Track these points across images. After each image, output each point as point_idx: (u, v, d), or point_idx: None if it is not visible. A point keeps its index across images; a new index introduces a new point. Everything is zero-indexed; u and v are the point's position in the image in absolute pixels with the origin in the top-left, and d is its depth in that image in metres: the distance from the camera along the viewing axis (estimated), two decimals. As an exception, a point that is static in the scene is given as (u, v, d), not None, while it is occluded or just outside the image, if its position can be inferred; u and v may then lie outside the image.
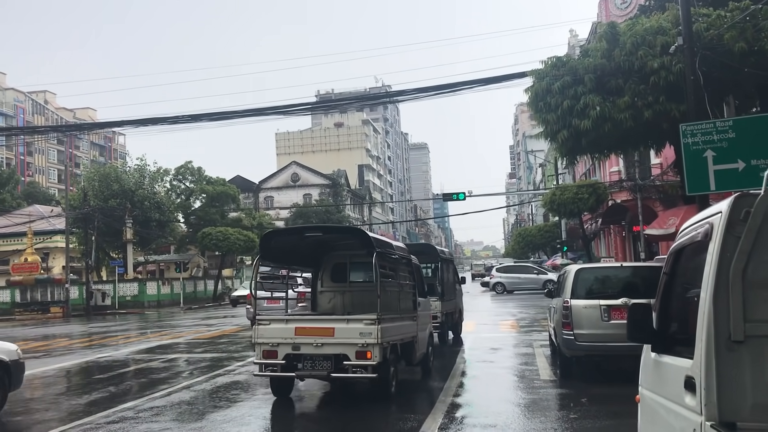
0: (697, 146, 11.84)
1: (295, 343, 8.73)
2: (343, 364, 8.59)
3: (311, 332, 8.75)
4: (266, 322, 9.05)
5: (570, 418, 7.80)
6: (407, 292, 10.83)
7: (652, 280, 10.18)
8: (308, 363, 8.76)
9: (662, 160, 31.16)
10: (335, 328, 8.74)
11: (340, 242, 11.09)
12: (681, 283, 3.59)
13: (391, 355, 9.04)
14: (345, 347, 8.59)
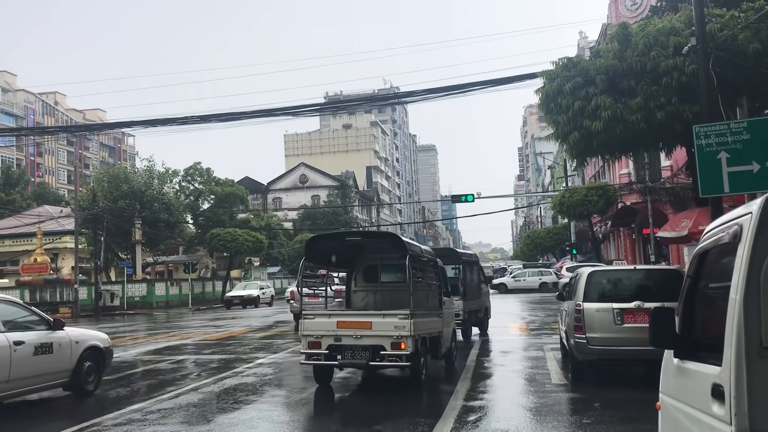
0: (710, 148, 11.68)
1: (336, 335, 9.76)
2: (379, 354, 9.53)
3: (351, 326, 9.76)
4: (311, 316, 10.09)
5: (583, 423, 7.67)
6: (434, 291, 11.82)
7: (665, 284, 10.10)
8: (348, 353, 9.73)
9: (672, 162, 30.96)
10: (373, 322, 9.74)
11: (372, 246, 12.27)
12: (706, 286, 3.47)
13: (421, 347, 9.96)
14: (381, 339, 9.56)
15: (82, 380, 10.16)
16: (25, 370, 9.02)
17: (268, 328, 23.30)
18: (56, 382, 9.86)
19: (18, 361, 8.85)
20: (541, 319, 21.96)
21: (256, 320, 27.92)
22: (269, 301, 43.30)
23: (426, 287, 11.46)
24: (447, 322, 12.02)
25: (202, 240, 52.33)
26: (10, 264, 48.28)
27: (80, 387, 10.18)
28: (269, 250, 58.20)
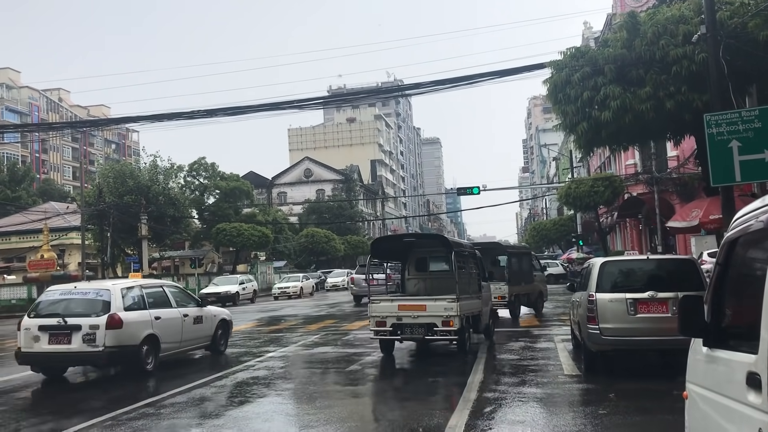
0: (721, 136, 11.60)
1: (398, 316, 12.21)
2: (432, 330, 12.00)
3: (410, 308, 12.25)
4: (378, 301, 12.64)
5: (599, 413, 7.63)
6: (474, 278, 14.11)
7: (678, 274, 10.04)
8: (408, 330, 12.19)
9: (679, 152, 30.81)
10: (427, 305, 12.20)
11: (422, 243, 15.38)
12: (737, 274, 3.41)
13: (465, 324, 12.40)
14: (434, 318, 11.99)
15: (217, 343, 14.04)
16: (190, 335, 13.00)
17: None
18: (203, 344, 13.74)
19: (186, 327, 12.81)
20: (550, 311, 21.88)
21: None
22: (251, 297, 38.91)
23: (467, 275, 13.78)
24: (486, 302, 14.35)
25: (207, 235, 52.36)
26: (17, 260, 48.38)
27: (216, 348, 14.05)
28: (275, 244, 58.22)
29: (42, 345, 11.11)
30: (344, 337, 16.93)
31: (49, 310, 11.53)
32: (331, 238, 65.17)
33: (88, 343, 10.94)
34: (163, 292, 12.74)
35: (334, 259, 68.41)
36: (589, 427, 7.04)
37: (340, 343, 15.79)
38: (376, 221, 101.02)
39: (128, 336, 11.20)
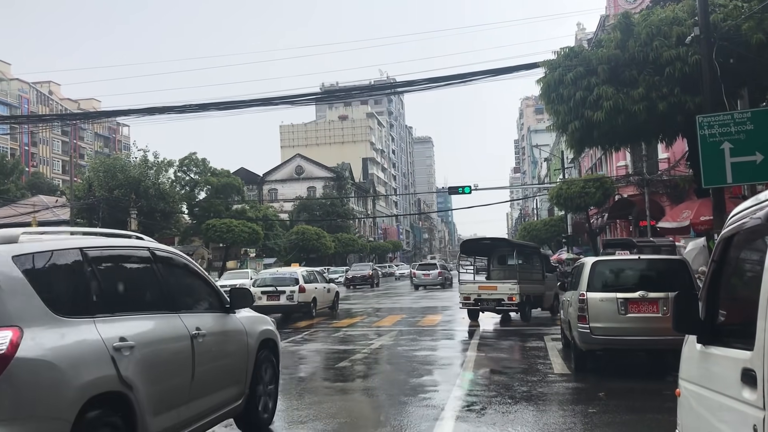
0: (714, 138, 11.63)
1: (478, 293, 18.05)
2: (501, 303, 17.59)
3: (486, 288, 18.21)
4: (465, 283, 19.21)
5: (589, 412, 7.63)
6: (536, 269, 19.60)
7: (669, 273, 10.07)
8: (485, 303, 17.96)
9: (670, 154, 30.94)
10: (497, 286, 18.02)
11: (498, 243, 20.91)
12: (733, 271, 3.40)
13: (526, 300, 17.86)
14: (502, 295, 17.59)
15: (336, 306, 23.42)
16: (327, 298, 23.01)
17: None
18: (330, 305, 22.85)
19: (326, 293, 22.63)
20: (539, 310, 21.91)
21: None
22: None
23: (530, 267, 19.56)
24: (549, 288, 19.77)
25: (197, 230, 52.10)
26: (5, 254, 48.03)
27: (335, 308, 22.94)
28: (265, 241, 58.04)
29: (262, 302, 19.79)
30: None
31: (265, 282, 21.51)
32: (321, 235, 65.06)
33: (288, 299, 20.58)
34: (316, 274, 22.79)
35: (324, 257, 68.31)
36: (579, 426, 7.04)
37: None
38: (367, 219, 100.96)
39: (306, 297, 20.92)
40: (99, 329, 4.34)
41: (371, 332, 16.80)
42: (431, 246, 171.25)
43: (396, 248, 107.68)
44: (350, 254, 71.07)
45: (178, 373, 5.21)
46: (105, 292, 4.69)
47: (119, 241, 5.40)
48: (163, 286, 5.43)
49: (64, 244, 4.69)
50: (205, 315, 5.94)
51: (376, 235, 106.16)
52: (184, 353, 5.27)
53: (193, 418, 5.34)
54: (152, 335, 4.91)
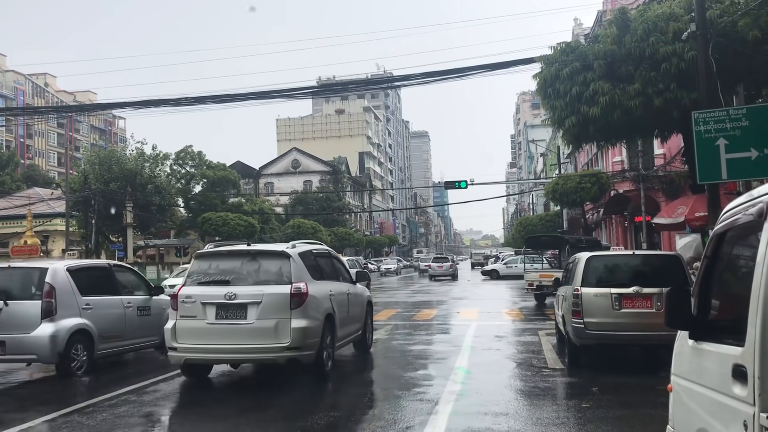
0: (709, 134, 11.66)
1: (539, 280, 22.39)
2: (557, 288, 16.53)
3: (544, 276, 22.42)
4: (530, 272, 23.43)
5: (582, 407, 7.66)
6: None
7: (664, 269, 10.12)
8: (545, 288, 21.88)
9: (666, 150, 30.97)
10: (554, 274, 21.35)
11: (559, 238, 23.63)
12: (725, 267, 3.41)
13: None
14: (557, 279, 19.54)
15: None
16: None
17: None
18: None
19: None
20: (535, 305, 22.00)
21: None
22: None
23: None
24: None
25: (193, 224, 52.02)
26: (0, 246, 47.93)
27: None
28: (261, 234, 58.00)
29: None
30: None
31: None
32: (317, 229, 65.02)
33: None
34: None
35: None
36: (572, 420, 7.07)
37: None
38: (363, 213, 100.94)
39: None
40: (325, 286, 9.87)
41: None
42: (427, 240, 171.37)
43: (392, 242, 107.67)
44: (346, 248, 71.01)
45: (345, 309, 10.51)
46: (323, 269, 10.33)
47: (321, 247, 11.37)
48: (337, 268, 11.23)
49: (313, 248, 10.64)
50: (349, 284, 11.34)
51: (372, 229, 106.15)
52: (345, 300, 10.66)
53: (346, 335, 10.74)
54: (338, 290, 10.40)
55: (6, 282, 10.22)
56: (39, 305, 9.67)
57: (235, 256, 9.65)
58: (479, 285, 38.57)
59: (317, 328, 9.05)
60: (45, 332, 9.52)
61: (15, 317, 9.68)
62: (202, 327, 8.85)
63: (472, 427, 6.82)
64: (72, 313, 9.91)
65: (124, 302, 11.04)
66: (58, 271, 10.09)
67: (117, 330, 10.77)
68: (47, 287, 9.75)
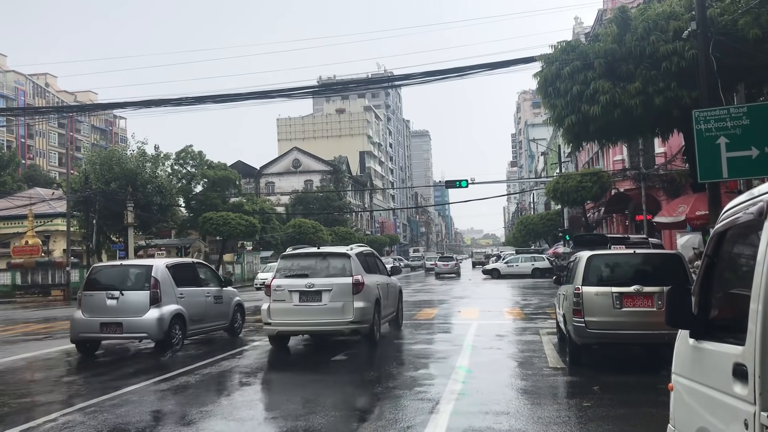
0: (710, 133, 11.63)
1: None
2: None
3: None
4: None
5: (583, 406, 7.67)
6: None
7: (664, 268, 10.11)
8: None
9: (666, 149, 30.97)
10: None
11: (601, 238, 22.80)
12: (725, 266, 3.41)
13: None
14: None
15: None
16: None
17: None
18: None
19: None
20: (536, 304, 22.01)
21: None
22: None
23: None
24: None
25: (194, 223, 52.02)
26: (1, 246, 47.93)
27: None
28: (262, 234, 58.01)
29: None
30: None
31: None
32: (318, 229, 64.99)
33: None
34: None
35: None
36: (573, 419, 7.07)
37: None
38: (364, 213, 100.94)
39: None
40: (374, 278, 13.19)
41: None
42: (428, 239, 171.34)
43: (393, 242, 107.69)
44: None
45: (386, 296, 13.71)
46: (370, 265, 13.56)
47: (367, 248, 14.34)
48: (378, 264, 14.49)
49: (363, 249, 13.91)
50: (387, 277, 14.85)
51: (373, 228, 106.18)
52: (386, 289, 13.92)
53: (387, 315, 14.03)
54: (381, 281, 13.78)
55: (120, 277, 12.83)
56: (147, 295, 12.19)
57: (311, 256, 13.04)
58: (480, 284, 38.55)
59: (370, 308, 12.48)
60: (153, 316, 12.06)
61: (129, 304, 12.20)
62: (289, 308, 12.25)
63: (473, 426, 6.83)
64: (171, 300, 12.52)
65: (204, 292, 13.84)
66: (160, 267, 12.71)
67: (201, 315, 13.51)
68: (153, 280, 12.31)
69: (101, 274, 13.17)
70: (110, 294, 12.34)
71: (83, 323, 12.40)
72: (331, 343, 13.75)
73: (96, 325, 12.17)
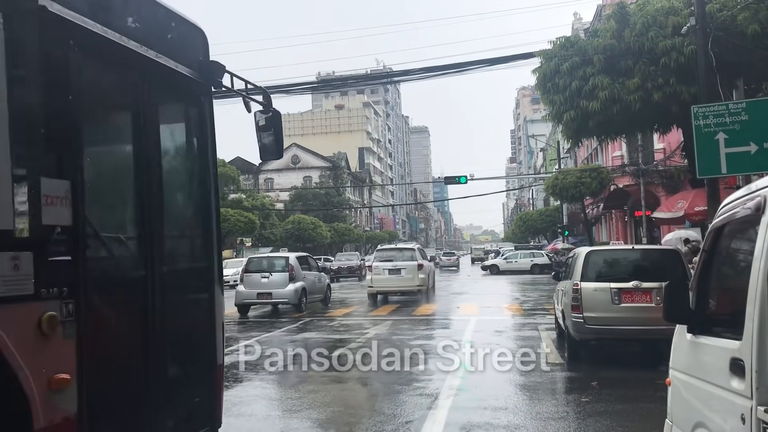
0: (708, 128, 11.63)
1: None
2: None
3: None
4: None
5: (581, 401, 7.68)
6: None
7: (663, 264, 10.13)
8: None
9: (665, 145, 30.97)
10: None
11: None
12: (723, 261, 3.42)
13: None
14: None
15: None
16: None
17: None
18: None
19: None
20: (534, 300, 22.02)
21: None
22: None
23: None
24: None
25: (193, 220, 52.01)
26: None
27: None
28: (261, 230, 58.02)
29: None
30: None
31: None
32: (317, 225, 65.00)
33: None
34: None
35: (320, 247, 68.30)
36: (572, 415, 7.09)
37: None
38: (363, 209, 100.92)
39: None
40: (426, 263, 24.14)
41: (366, 321, 16.86)
42: (427, 235, 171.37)
43: (392, 238, 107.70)
44: (346, 244, 71.09)
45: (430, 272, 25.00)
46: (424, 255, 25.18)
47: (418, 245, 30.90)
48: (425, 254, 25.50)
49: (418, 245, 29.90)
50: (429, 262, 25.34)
51: (372, 224, 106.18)
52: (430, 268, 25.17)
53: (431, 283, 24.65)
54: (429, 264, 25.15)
55: (268, 264, 19.68)
56: (287, 275, 18.65)
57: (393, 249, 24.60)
58: (479, 280, 38.57)
59: (427, 278, 22.21)
60: (291, 288, 18.61)
61: (275, 281, 18.72)
62: (383, 278, 21.51)
63: (471, 421, 6.84)
64: (299, 279, 19.02)
65: (313, 275, 20.38)
66: (292, 257, 19.77)
67: (312, 289, 19.80)
68: (290, 266, 18.89)
69: (254, 262, 20.23)
70: (263, 275, 18.94)
71: (245, 293, 18.90)
72: (330, 342, 13.76)
73: (254, 294, 18.67)
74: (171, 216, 4.38)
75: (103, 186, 3.84)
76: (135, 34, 3.88)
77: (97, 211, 3.60)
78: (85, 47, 3.45)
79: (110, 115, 4.12)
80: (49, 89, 3.24)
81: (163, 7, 4.31)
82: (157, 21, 4.27)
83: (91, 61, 3.56)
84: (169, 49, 4.24)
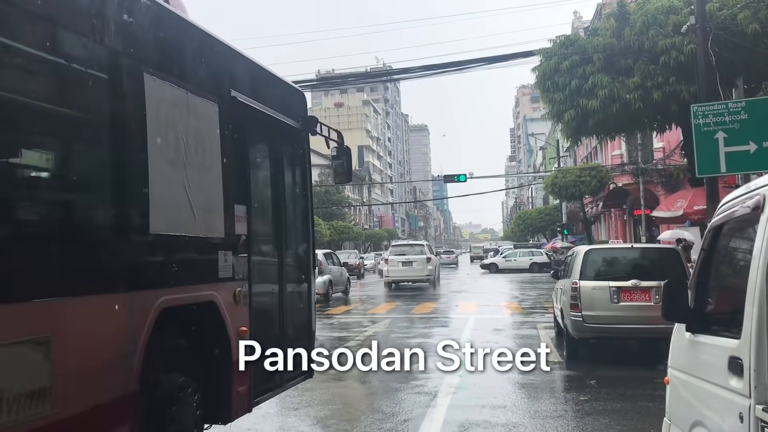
0: (708, 127, 11.64)
1: None
2: None
3: None
4: None
5: (580, 400, 7.69)
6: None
7: (662, 262, 10.13)
8: None
9: (665, 143, 30.97)
10: None
11: None
12: (722, 259, 3.41)
13: None
14: None
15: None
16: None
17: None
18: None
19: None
20: (533, 299, 22.03)
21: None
22: None
23: None
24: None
25: (192, 217, 52.02)
26: None
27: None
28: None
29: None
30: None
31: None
32: (317, 223, 64.96)
33: None
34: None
35: (319, 244, 68.23)
36: (570, 413, 7.09)
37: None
38: (363, 207, 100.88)
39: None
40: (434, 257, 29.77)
41: (365, 320, 16.87)
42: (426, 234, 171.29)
43: (391, 236, 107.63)
44: (345, 242, 71.04)
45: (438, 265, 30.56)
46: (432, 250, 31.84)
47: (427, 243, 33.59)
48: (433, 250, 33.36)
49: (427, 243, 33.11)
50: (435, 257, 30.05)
51: (371, 222, 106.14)
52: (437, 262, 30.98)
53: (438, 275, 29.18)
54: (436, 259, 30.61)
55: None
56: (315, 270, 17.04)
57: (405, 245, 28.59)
58: (478, 278, 38.58)
59: (435, 270, 26.44)
60: (320, 281, 18.65)
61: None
62: (397, 269, 26.31)
63: (470, 419, 6.85)
64: (327, 273, 20.80)
65: (336, 269, 22.61)
66: (319, 254, 19.27)
67: (336, 282, 22.20)
68: (318, 262, 16.82)
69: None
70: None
71: None
72: (330, 340, 13.77)
73: None
74: (291, 225, 6.41)
75: (257, 208, 5.66)
76: (273, 104, 5.88)
77: (255, 225, 5.45)
78: (253, 119, 5.49)
79: (261, 160, 6.07)
80: (234, 152, 5.07)
81: (284, 83, 6.55)
82: (282, 93, 6.40)
83: (255, 128, 5.59)
84: (288, 110, 6.27)
